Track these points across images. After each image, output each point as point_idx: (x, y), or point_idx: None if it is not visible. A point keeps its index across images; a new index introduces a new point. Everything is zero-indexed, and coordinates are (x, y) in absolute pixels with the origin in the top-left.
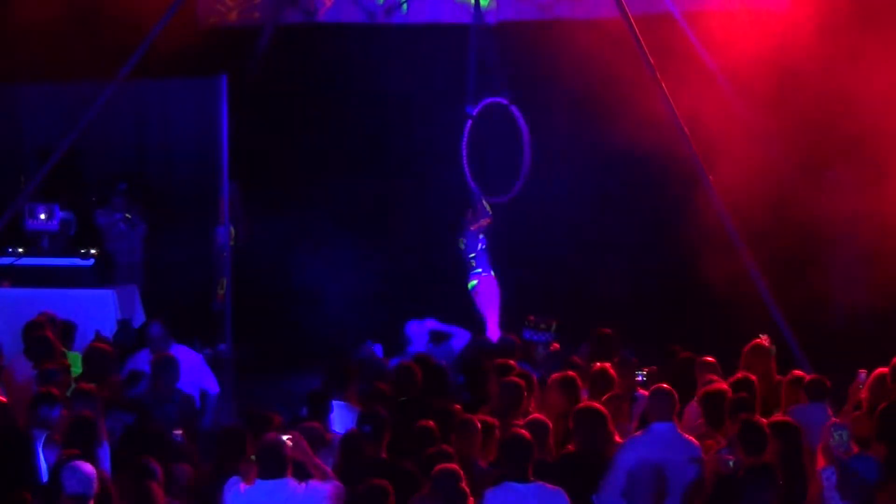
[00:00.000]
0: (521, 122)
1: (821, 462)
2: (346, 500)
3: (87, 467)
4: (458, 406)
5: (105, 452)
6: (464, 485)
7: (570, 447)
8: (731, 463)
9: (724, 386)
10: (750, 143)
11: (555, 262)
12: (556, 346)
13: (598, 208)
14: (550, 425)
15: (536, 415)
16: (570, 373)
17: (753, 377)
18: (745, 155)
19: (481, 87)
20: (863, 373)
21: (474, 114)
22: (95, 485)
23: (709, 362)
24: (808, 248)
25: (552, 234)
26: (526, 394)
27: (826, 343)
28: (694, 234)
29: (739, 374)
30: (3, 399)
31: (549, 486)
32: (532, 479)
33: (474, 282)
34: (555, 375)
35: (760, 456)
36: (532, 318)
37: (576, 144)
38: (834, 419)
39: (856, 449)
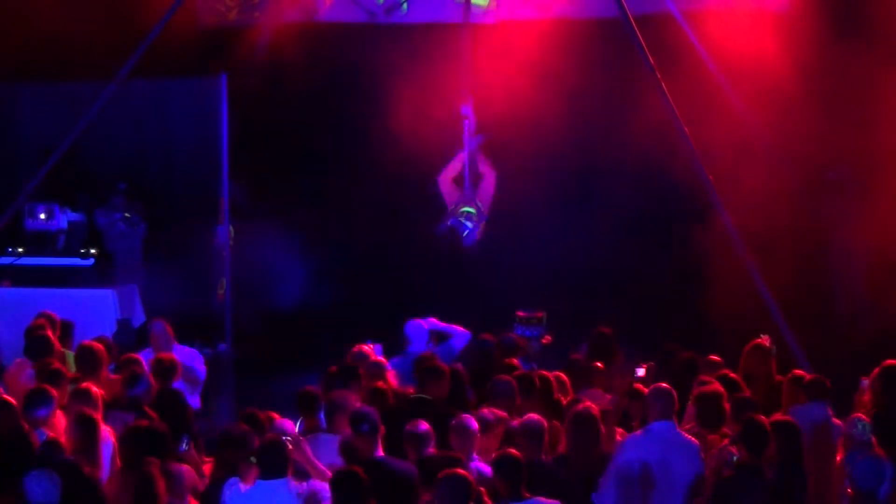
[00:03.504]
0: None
1: (840, 453)
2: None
3: (51, 475)
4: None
5: (107, 452)
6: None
7: (562, 448)
8: (734, 458)
9: (719, 387)
10: (750, 143)
11: (555, 261)
12: (549, 338)
13: (598, 207)
14: (546, 424)
15: (532, 414)
16: (560, 374)
17: (735, 375)
18: (746, 155)
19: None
20: (865, 380)
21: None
22: (59, 492)
23: (714, 361)
24: (809, 248)
25: (552, 232)
26: (519, 394)
27: (827, 345)
28: (694, 233)
29: (724, 374)
30: (9, 398)
31: (545, 500)
32: (527, 495)
33: None
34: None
35: (762, 455)
36: (521, 313)
37: (575, 143)
38: (836, 417)
39: (875, 444)
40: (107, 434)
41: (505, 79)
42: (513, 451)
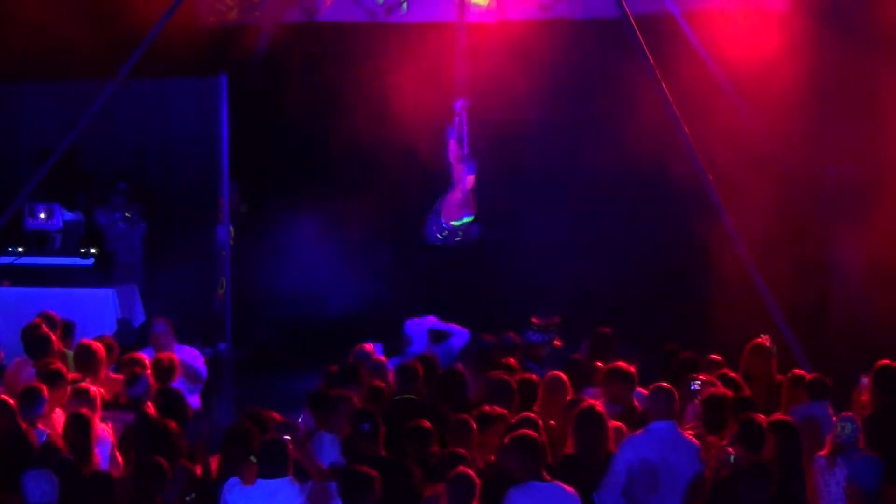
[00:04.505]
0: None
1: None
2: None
3: (49, 475)
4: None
5: (104, 451)
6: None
7: (569, 448)
8: (731, 458)
9: (728, 391)
10: (750, 143)
11: (556, 261)
12: (558, 342)
13: (599, 206)
14: (541, 423)
15: (526, 413)
16: (557, 373)
17: (735, 375)
18: (746, 154)
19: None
20: (865, 378)
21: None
22: (57, 492)
23: (715, 361)
24: (809, 248)
25: (554, 232)
26: (517, 393)
27: (827, 345)
28: (694, 233)
29: (724, 373)
30: (7, 398)
31: (565, 486)
32: (547, 478)
33: None
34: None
35: (759, 454)
36: (535, 320)
37: (576, 142)
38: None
39: (863, 444)
40: (105, 433)
41: (505, 78)
42: (529, 431)
